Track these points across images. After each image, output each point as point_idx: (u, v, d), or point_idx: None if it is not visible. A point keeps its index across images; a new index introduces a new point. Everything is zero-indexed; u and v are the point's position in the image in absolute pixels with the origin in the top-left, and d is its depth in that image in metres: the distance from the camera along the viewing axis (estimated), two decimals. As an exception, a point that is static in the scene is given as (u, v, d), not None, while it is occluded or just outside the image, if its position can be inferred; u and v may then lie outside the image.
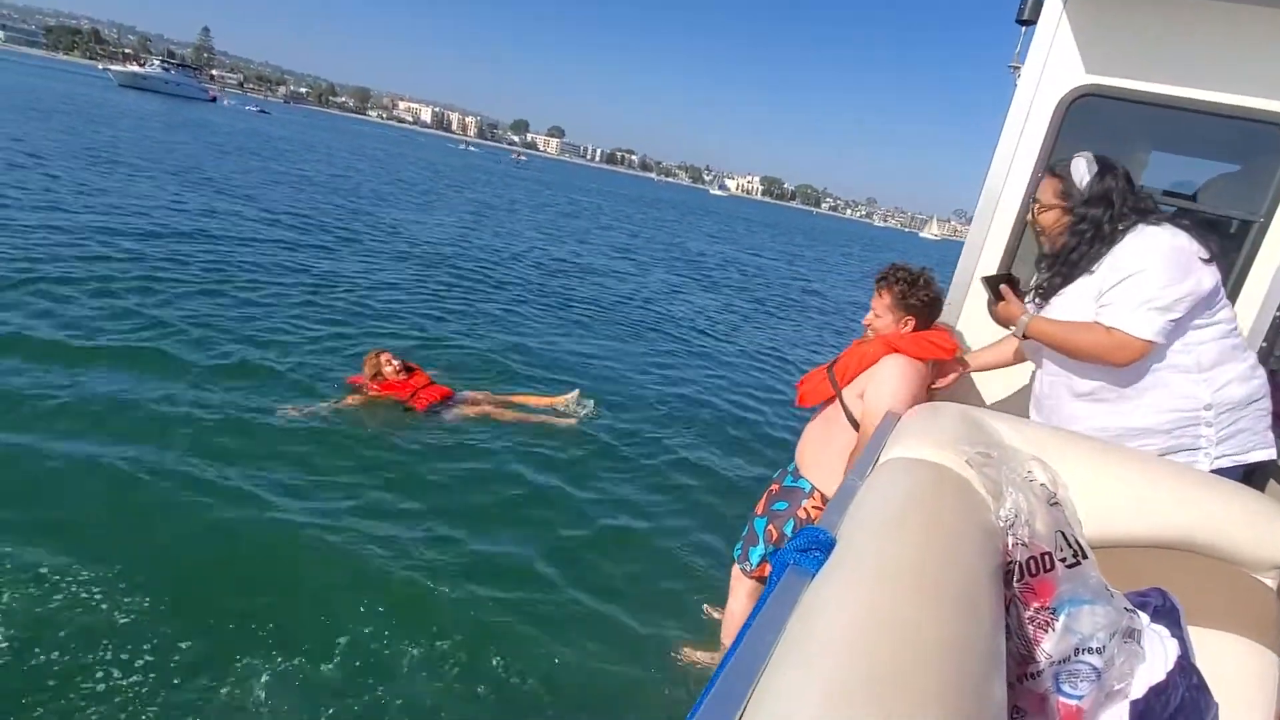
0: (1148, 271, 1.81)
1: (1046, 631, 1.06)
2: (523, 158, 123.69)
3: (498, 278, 11.17)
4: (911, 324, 2.40)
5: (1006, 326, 2.19)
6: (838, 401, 2.44)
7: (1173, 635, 1.20)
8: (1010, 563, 1.09)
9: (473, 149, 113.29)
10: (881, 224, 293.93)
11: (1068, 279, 1.99)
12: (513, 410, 5.32)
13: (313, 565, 3.21)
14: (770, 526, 2.53)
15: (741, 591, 2.68)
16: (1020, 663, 1.09)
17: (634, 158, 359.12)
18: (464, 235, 15.44)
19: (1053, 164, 2.05)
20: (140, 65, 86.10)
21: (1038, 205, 2.07)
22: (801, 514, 2.46)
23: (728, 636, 2.83)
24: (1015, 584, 1.08)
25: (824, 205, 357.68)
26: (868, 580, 0.83)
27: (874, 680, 0.65)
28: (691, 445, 5.57)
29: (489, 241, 15.19)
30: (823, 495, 2.45)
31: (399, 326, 7.43)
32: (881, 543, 0.93)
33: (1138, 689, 1.14)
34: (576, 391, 5.63)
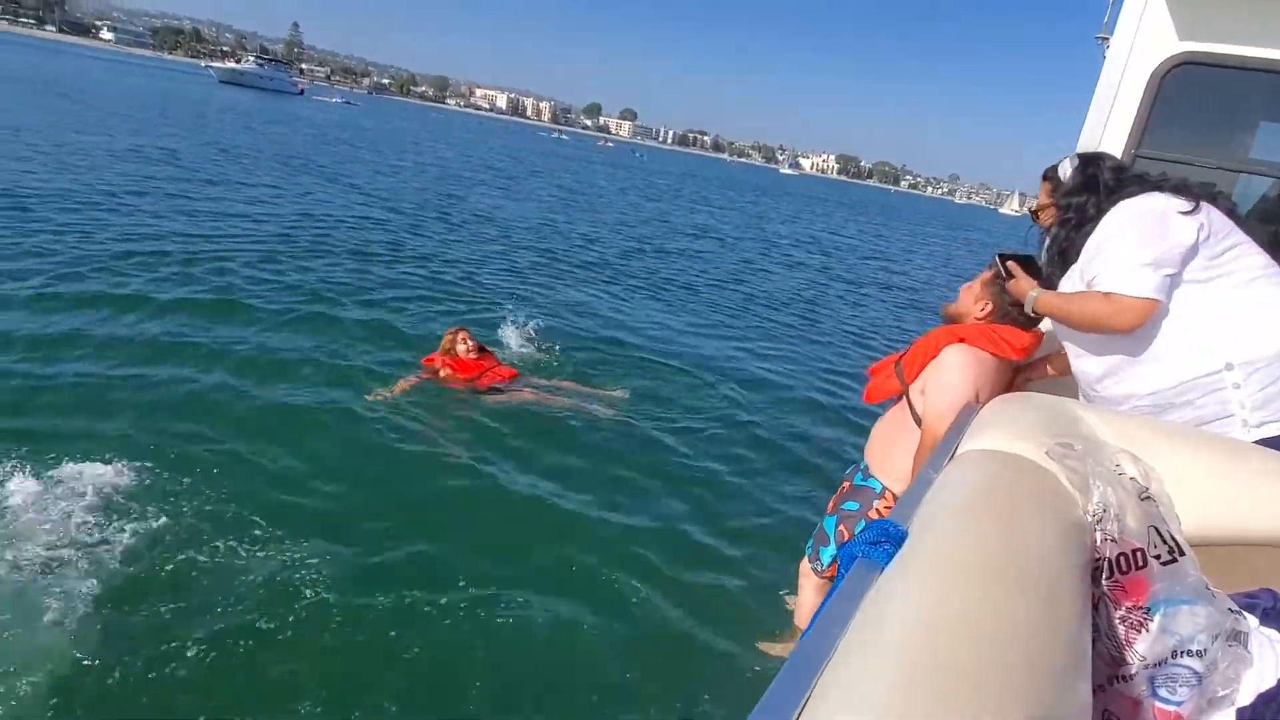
0: (1124, 233, 1.76)
1: (1140, 632, 0.99)
2: (609, 144, 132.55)
3: (582, 259, 11.50)
4: (987, 309, 2.25)
5: (1020, 305, 2.11)
6: (905, 400, 2.33)
7: (1285, 640, 1.11)
8: (1099, 559, 1.02)
9: (565, 138, 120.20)
10: (963, 201, 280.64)
11: (1062, 270, 1.98)
12: (569, 398, 5.33)
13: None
14: (841, 526, 2.47)
15: (809, 588, 2.64)
16: (1111, 665, 1.03)
17: (706, 139, 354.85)
18: (554, 217, 15.87)
19: (1045, 171, 2.06)
20: (237, 62, 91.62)
21: (1034, 210, 2.11)
22: (872, 514, 2.38)
23: (798, 632, 2.80)
24: (1104, 582, 1.01)
25: (902, 183, 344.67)
26: (939, 571, 0.80)
27: (943, 670, 0.63)
28: (765, 433, 5.48)
29: (576, 224, 15.54)
30: (894, 495, 2.37)
31: (477, 304, 7.70)
32: (954, 534, 0.89)
33: (1245, 696, 1.06)
34: (625, 392, 5.55)
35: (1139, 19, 2.32)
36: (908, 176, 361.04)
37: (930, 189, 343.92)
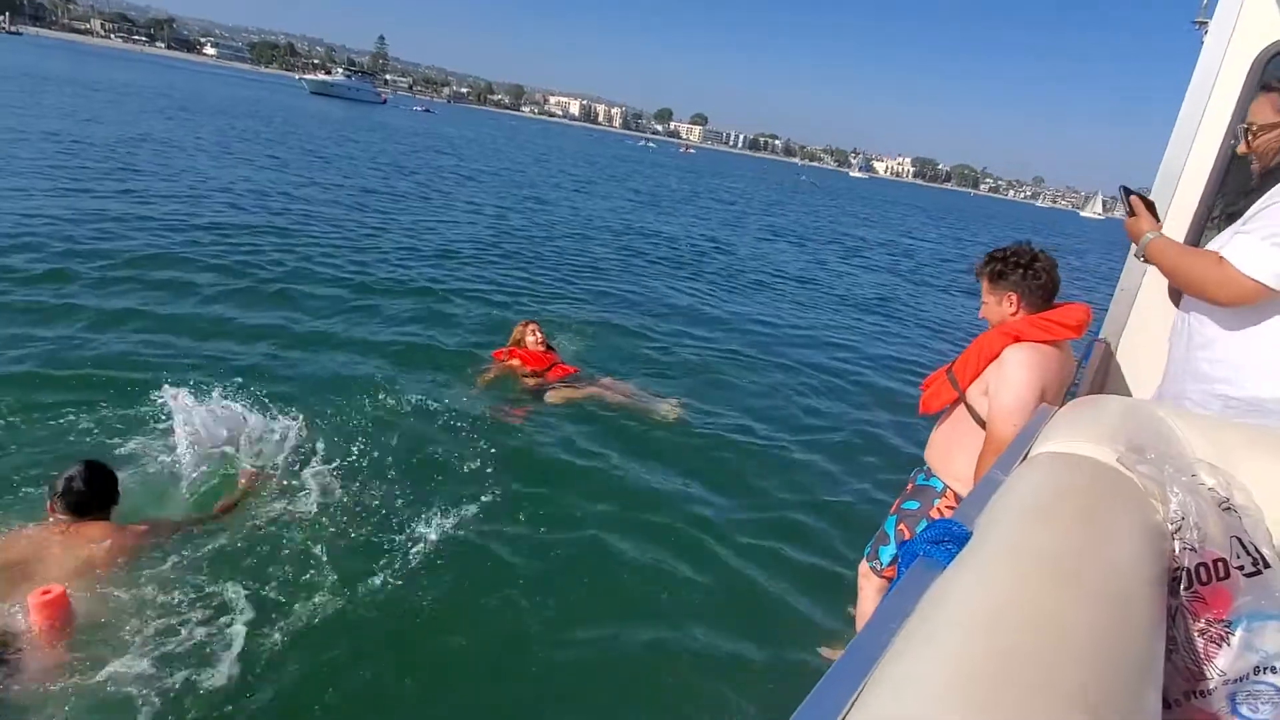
0: None
1: (1220, 646, 0.95)
2: (691, 150, 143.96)
3: (657, 257, 11.66)
4: (1014, 300, 2.23)
5: (1134, 240, 1.93)
6: (962, 404, 2.31)
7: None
8: (1177, 569, 0.99)
9: (652, 145, 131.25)
10: (1047, 205, 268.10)
11: (1252, 202, 1.68)
12: (626, 399, 5.31)
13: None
14: (901, 525, 2.44)
15: (870, 589, 2.61)
16: (1188, 679, 0.99)
17: (777, 142, 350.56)
18: (641, 219, 16.25)
19: (1266, 80, 1.76)
20: (327, 74, 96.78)
21: (1254, 130, 1.76)
22: (933, 513, 2.35)
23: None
24: (1183, 593, 0.98)
25: (982, 186, 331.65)
26: (1002, 570, 0.79)
27: (1001, 665, 0.62)
28: (830, 435, 5.42)
29: (658, 225, 15.79)
30: (956, 495, 2.32)
31: (556, 301, 7.94)
32: (1021, 536, 0.88)
33: (1335, 721, 1.00)
34: (677, 402, 5.44)
35: (1241, 2, 2.20)
36: (988, 179, 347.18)
37: (1012, 192, 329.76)
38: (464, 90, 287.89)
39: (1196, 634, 0.97)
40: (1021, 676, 0.62)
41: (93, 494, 2.70)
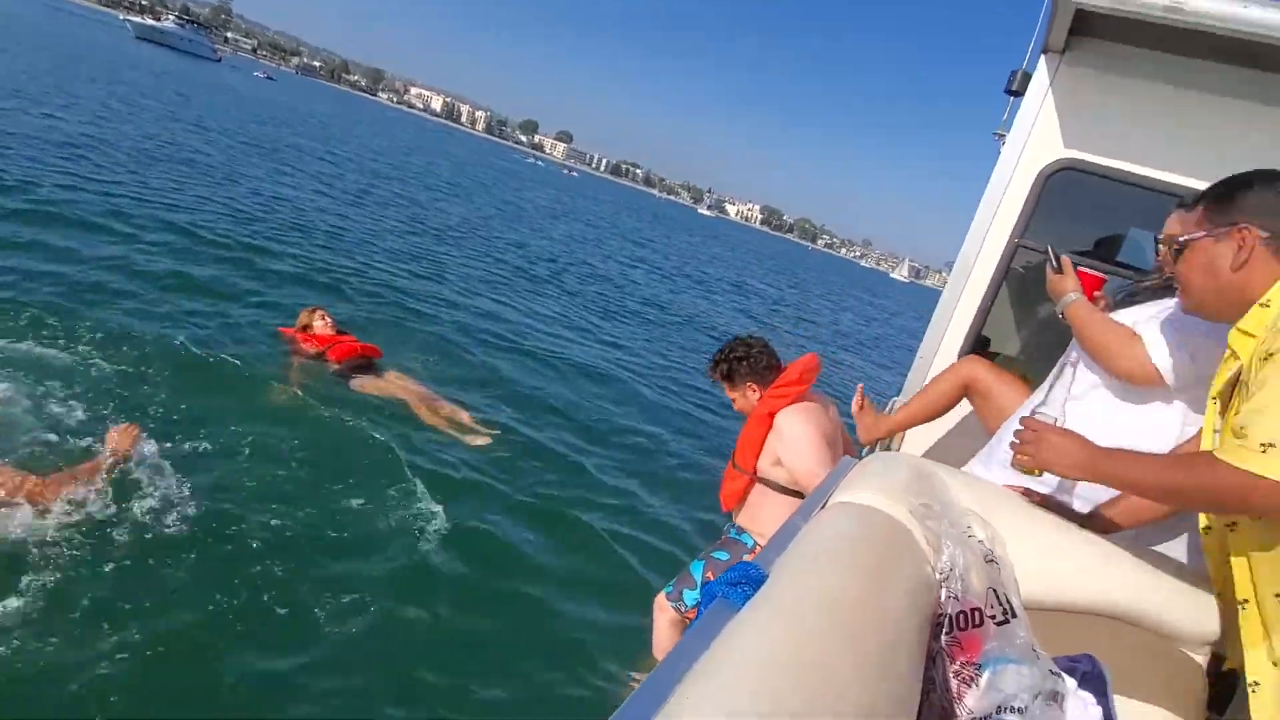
0: None
1: (970, 687, 1.05)
2: (574, 174, 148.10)
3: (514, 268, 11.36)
4: (755, 389, 2.56)
5: (1054, 298, 1.96)
6: (759, 483, 2.54)
7: (1097, 702, 1.21)
8: (941, 615, 1.08)
9: (540, 164, 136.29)
10: (870, 265, 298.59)
11: (1154, 296, 1.80)
12: (430, 410, 4.99)
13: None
14: (707, 572, 2.56)
15: (664, 621, 2.68)
16: (942, 716, 1.08)
17: (639, 171, 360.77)
18: (519, 239, 15.70)
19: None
20: (156, 19, 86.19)
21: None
22: None
23: (654, 664, 2.80)
24: (944, 637, 1.07)
25: (820, 241, 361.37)
26: (788, 615, 0.83)
27: (775, 715, 0.64)
28: (644, 466, 5.40)
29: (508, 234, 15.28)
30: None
31: (399, 310, 7.45)
32: (809, 580, 0.93)
33: (1057, 754, 1.14)
34: (493, 433, 5.07)
35: (1032, 122, 2.56)
36: (825, 235, 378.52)
37: (844, 250, 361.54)
38: (316, 64, 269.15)
39: (952, 675, 1.07)
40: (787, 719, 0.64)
41: None
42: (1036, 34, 2.55)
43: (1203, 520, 1.27)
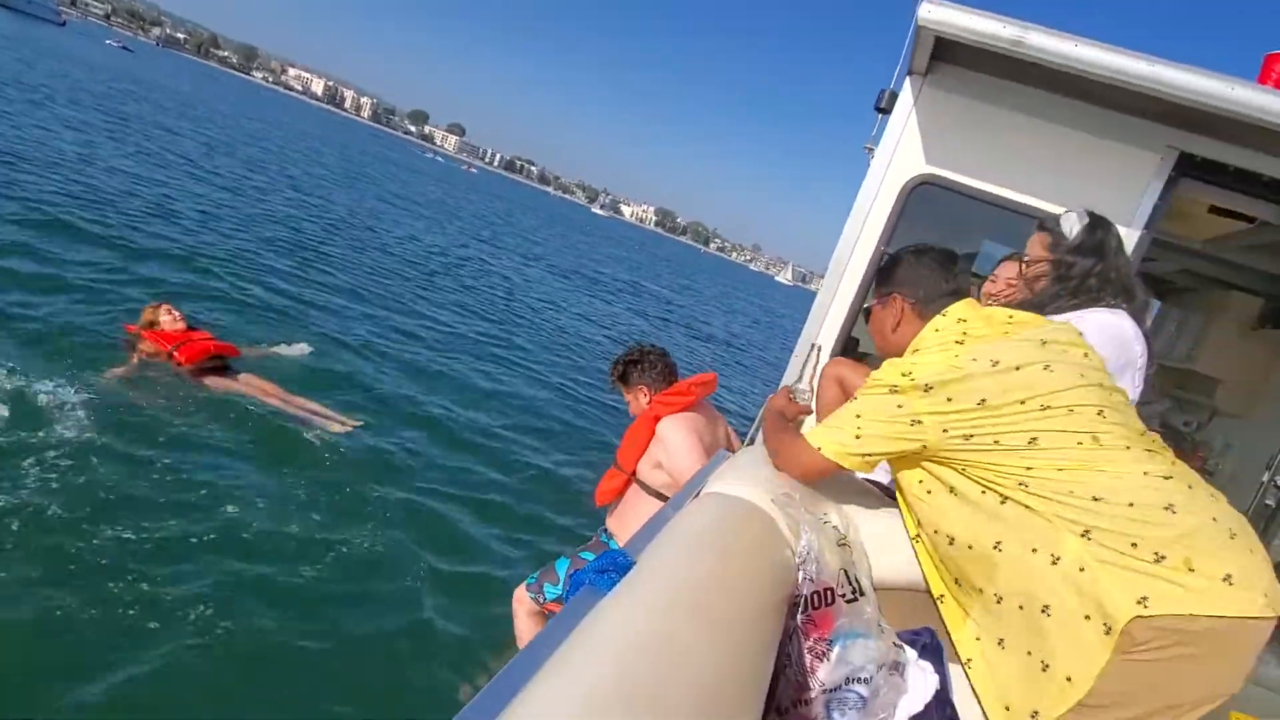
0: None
1: (822, 661, 1.14)
2: (473, 170, 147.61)
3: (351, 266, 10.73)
4: (645, 391, 2.71)
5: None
6: (634, 484, 2.64)
7: (935, 670, 1.33)
8: (798, 596, 1.16)
9: (440, 159, 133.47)
10: (759, 269, 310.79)
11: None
12: (293, 406, 4.75)
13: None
14: (572, 569, 2.61)
15: (523, 613, 2.71)
16: (796, 689, 1.16)
17: (534, 168, 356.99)
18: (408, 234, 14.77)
19: (1041, 221, 1.98)
20: (-17, -31, 76.47)
21: (1026, 261, 1.95)
22: None
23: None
24: (799, 616, 1.15)
25: (712, 244, 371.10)
26: (650, 601, 0.86)
27: (631, 698, 0.67)
28: (509, 466, 5.20)
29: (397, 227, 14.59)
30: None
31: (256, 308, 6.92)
32: (673, 567, 0.97)
33: (900, 717, 1.25)
34: (358, 423, 4.88)
35: (897, 139, 2.77)
36: (718, 239, 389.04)
37: (735, 254, 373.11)
38: (180, 36, 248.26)
39: (806, 651, 1.15)
40: (639, 702, 0.67)
41: None
42: (903, 57, 2.75)
43: (911, 530, 1.44)
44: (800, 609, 1.15)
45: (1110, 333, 1.73)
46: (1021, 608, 1.20)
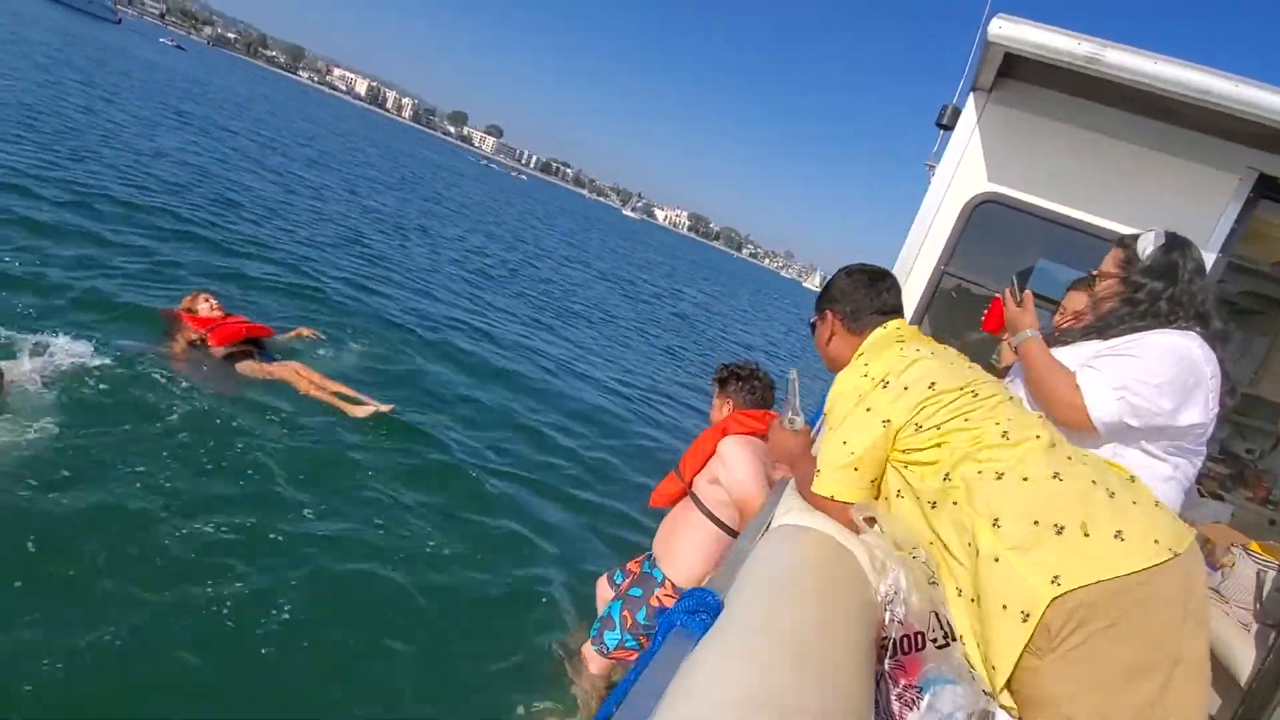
0: (1151, 361, 1.65)
1: (912, 710, 1.08)
2: (523, 177, 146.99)
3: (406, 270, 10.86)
4: (730, 405, 2.69)
5: (1010, 331, 1.93)
6: (689, 499, 2.59)
7: None
8: (885, 639, 1.11)
9: (494, 166, 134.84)
10: (788, 276, 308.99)
11: (1087, 337, 1.82)
12: (327, 393, 4.64)
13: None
14: (625, 611, 2.57)
15: (592, 668, 2.66)
16: (883, 738, 1.11)
17: (569, 170, 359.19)
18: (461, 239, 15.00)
19: (1121, 237, 1.91)
20: (47, -29, 79.52)
21: (1098, 275, 1.90)
22: (654, 602, 2.53)
23: (584, 708, 2.71)
24: (888, 661, 1.10)
25: (744, 250, 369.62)
26: (750, 649, 0.83)
27: None
28: (558, 483, 4.89)
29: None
30: (674, 585, 2.53)
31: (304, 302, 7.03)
32: (766, 610, 0.93)
33: (985, 768, 1.19)
34: (390, 407, 4.69)
35: (960, 156, 2.70)
36: (750, 245, 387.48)
37: (767, 260, 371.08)
38: (231, 35, 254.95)
39: (894, 698, 1.09)
40: None
41: None
42: (967, 72, 2.68)
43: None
44: (889, 653, 1.10)
45: (1178, 353, 1.67)
46: (973, 600, 1.21)
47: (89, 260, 5.80)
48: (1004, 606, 1.14)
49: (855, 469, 1.36)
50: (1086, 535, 1.14)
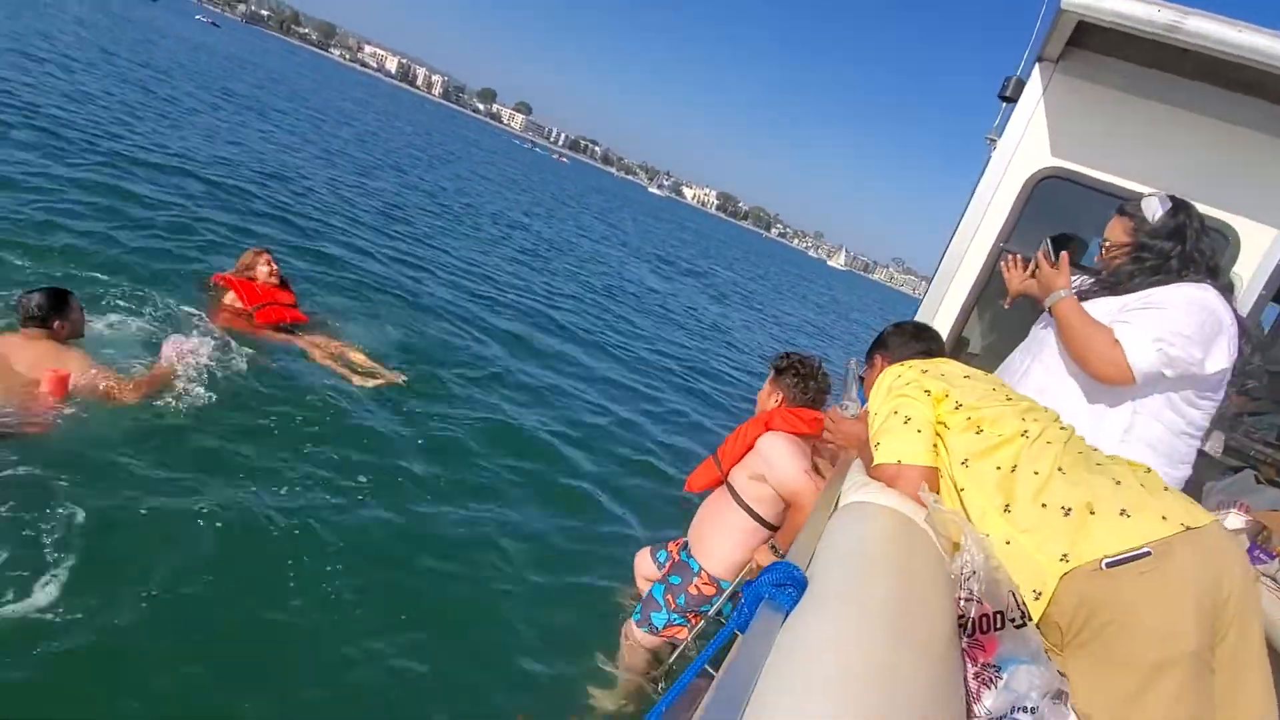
0: (1180, 313, 1.74)
1: (989, 688, 1.08)
2: (565, 160, 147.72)
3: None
4: (780, 398, 2.63)
5: (1043, 292, 1.97)
6: (725, 487, 2.59)
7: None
8: (961, 617, 1.10)
9: (538, 149, 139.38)
10: (816, 256, 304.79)
11: (1100, 293, 1.91)
12: (353, 369, 4.66)
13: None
14: (668, 595, 2.60)
15: (635, 645, 2.68)
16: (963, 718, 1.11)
17: (598, 149, 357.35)
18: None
19: (1120, 205, 1.95)
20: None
21: (1106, 246, 1.97)
22: (693, 590, 2.56)
23: (628, 693, 2.69)
24: (965, 639, 1.10)
25: (773, 230, 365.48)
26: (847, 623, 0.83)
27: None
28: (587, 464, 4.85)
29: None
30: (709, 575, 2.54)
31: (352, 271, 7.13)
32: (855, 585, 0.93)
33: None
34: (403, 377, 4.78)
35: (1024, 129, 2.61)
36: (779, 225, 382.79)
37: (796, 240, 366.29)
38: (264, 12, 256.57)
39: (972, 677, 1.09)
40: None
41: (44, 313, 3.26)
42: (1032, 42, 2.59)
43: None
44: (965, 631, 1.09)
45: (1198, 303, 1.77)
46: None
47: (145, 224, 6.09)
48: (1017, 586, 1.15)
49: (919, 430, 1.41)
50: (1093, 514, 1.19)
